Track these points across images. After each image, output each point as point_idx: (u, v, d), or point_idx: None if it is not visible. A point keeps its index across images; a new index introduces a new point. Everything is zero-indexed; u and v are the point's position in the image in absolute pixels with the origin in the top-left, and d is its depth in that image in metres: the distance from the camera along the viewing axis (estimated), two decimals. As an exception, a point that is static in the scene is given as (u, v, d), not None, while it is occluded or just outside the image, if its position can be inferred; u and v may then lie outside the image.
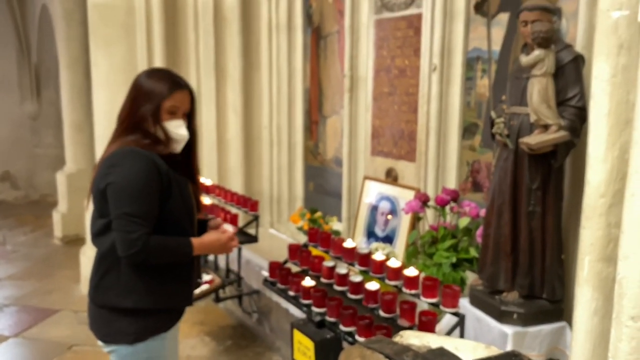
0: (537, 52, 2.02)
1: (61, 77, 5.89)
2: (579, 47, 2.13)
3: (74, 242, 5.62)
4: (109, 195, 1.75)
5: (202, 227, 2.02)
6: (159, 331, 1.87)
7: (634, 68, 1.40)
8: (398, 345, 1.25)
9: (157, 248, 1.76)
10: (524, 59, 2.06)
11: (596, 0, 1.59)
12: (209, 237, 1.94)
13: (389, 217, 3.20)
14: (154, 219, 1.77)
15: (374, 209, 3.32)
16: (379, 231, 3.27)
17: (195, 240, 1.87)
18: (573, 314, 1.67)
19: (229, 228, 2.02)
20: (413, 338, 1.31)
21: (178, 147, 1.89)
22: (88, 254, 4.37)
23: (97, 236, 1.84)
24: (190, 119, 1.91)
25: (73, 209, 5.75)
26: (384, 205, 3.24)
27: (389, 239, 3.17)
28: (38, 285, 4.66)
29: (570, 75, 2.05)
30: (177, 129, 1.85)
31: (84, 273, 4.48)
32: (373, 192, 3.34)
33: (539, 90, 2.02)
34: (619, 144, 1.45)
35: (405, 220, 3.06)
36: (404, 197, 3.05)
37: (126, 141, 1.81)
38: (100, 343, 1.91)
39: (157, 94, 1.80)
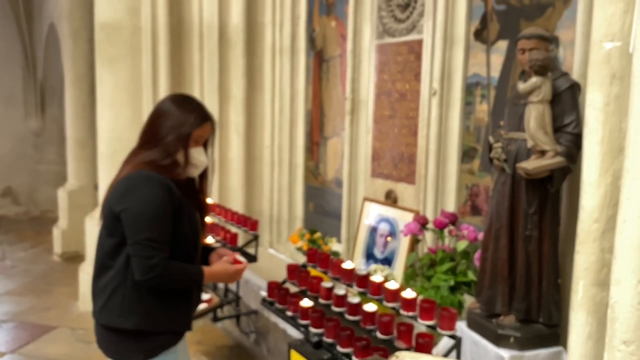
0: (534, 80, 2.06)
1: (66, 94, 5.97)
2: (575, 76, 2.18)
3: (73, 258, 5.63)
4: (125, 220, 1.78)
5: (205, 255, 2.07)
6: (168, 346, 1.90)
7: (626, 97, 1.44)
8: (393, 365, 1.26)
9: (174, 273, 1.82)
10: (522, 86, 2.10)
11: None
12: (218, 267, 1.99)
13: (389, 239, 3.21)
14: (168, 243, 1.82)
15: (373, 230, 3.34)
16: (378, 253, 3.28)
17: (206, 269, 1.93)
18: (568, 338, 1.68)
19: (241, 259, 2.07)
20: (409, 359, 1.32)
21: (196, 172, 1.96)
22: (87, 271, 4.37)
23: (106, 257, 1.86)
24: (206, 147, 1.98)
25: (73, 225, 5.76)
26: (383, 227, 3.26)
27: (387, 261, 3.18)
28: (36, 301, 4.65)
29: (567, 102, 2.08)
30: (199, 156, 1.92)
31: (82, 290, 4.48)
32: (373, 213, 3.36)
33: (536, 117, 2.06)
34: (612, 170, 1.49)
35: (404, 242, 3.08)
36: (403, 219, 3.08)
37: (143, 161, 1.85)
38: None
39: (190, 124, 1.87)
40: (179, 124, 1.86)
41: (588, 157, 1.55)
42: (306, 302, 2.65)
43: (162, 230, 1.79)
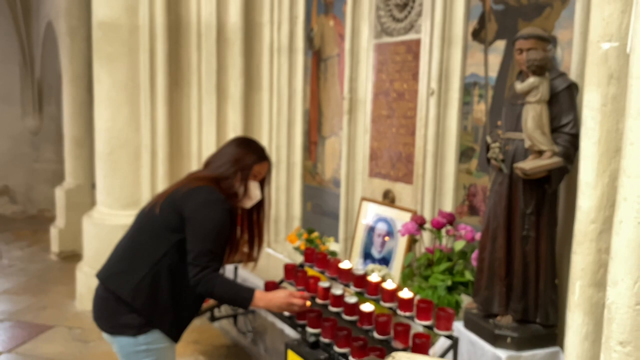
0: (531, 80, 2.06)
1: (64, 93, 5.95)
2: (573, 76, 2.17)
3: (70, 257, 5.62)
4: (193, 227, 2.03)
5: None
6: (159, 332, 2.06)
7: (623, 97, 1.44)
8: (390, 366, 1.26)
9: (224, 283, 2.06)
10: (519, 86, 2.10)
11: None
12: (277, 292, 2.23)
13: (386, 238, 3.21)
14: (222, 258, 2.12)
15: (370, 230, 3.33)
16: (375, 252, 3.28)
17: (259, 291, 2.13)
18: (565, 339, 1.68)
19: (306, 294, 2.35)
20: (405, 359, 1.32)
21: (249, 204, 2.24)
22: (84, 270, 4.36)
23: (151, 237, 2.05)
24: (263, 184, 2.29)
25: (70, 224, 5.74)
26: (381, 227, 3.26)
27: (385, 261, 3.18)
28: (33, 300, 4.64)
29: (565, 102, 2.08)
30: (255, 189, 2.23)
31: (79, 289, 4.47)
32: (370, 213, 3.36)
33: (533, 117, 2.06)
34: (609, 171, 1.48)
35: (401, 242, 3.08)
36: (401, 219, 3.07)
37: (217, 185, 2.13)
38: (104, 334, 2.09)
39: (252, 159, 2.22)
40: (245, 155, 2.20)
41: (585, 158, 1.55)
42: (303, 302, 2.64)
43: (222, 247, 2.09)
